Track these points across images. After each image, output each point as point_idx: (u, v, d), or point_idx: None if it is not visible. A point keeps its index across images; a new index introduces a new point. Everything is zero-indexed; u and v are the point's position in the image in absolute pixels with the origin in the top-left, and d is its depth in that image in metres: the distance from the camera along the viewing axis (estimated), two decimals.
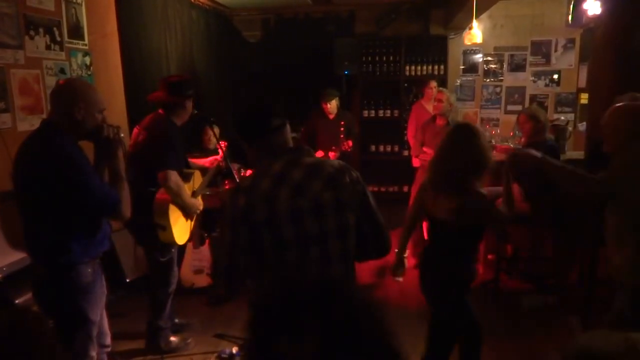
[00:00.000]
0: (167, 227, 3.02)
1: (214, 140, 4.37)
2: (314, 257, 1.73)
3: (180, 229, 3.15)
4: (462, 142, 2.34)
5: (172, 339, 3.34)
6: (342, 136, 4.79)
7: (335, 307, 0.81)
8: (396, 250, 2.63)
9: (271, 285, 1.56)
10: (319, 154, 4.95)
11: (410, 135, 5.11)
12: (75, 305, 2.14)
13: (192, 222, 3.33)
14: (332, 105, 5.04)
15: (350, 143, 4.85)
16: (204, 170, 3.53)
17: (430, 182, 2.47)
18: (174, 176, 2.95)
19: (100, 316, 2.30)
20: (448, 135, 2.45)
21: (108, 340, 2.45)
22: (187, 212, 3.19)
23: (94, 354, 2.24)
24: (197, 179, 3.38)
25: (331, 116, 5.07)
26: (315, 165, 1.79)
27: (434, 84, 5.36)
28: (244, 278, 1.85)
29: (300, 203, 1.71)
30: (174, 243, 3.12)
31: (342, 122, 4.88)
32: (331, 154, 4.77)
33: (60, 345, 1.98)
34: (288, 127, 1.86)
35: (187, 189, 3.15)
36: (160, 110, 3.11)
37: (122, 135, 2.20)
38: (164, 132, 3.01)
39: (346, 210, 1.76)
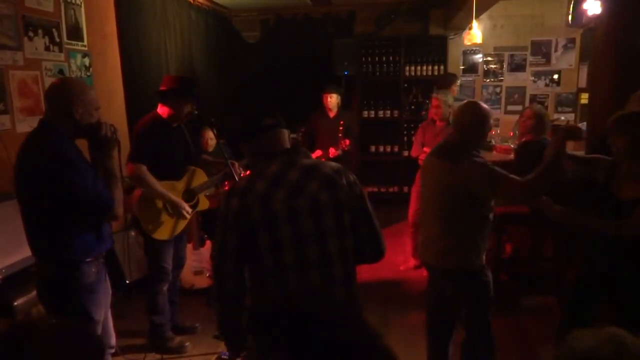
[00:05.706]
0: (140, 219, 3.07)
1: (213, 140, 4.36)
2: (312, 256, 1.72)
3: (160, 225, 3.15)
4: None
5: (170, 338, 3.32)
6: (340, 135, 4.80)
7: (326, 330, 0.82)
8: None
9: (270, 295, 1.53)
10: (318, 153, 4.94)
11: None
12: (78, 305, 2.15)
13: (184, 222, 3.27)
14: (333, 100, 5.03)
15: (348, 142, 4.85)
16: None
17: None
18: (138, 170, 2.98)
19: (105, 317, 2.31)
20: None
21: (113, 341, 2.45)
22: (170, 209, 3.17)
23: None
24: (198, 178, 3.37)
25: (331, 114, 5.07)
26: (312, 167, 1.79)
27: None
28: (235, 292, 1.78)
29: (297, 203, 1.72)
30: (148, 236, 3.14)
31: (342, 122, 4.89)
32: (331, 150, 4.78)
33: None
34: (285, 130, 1.87)
35: (171, 186, 3.17)
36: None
37: (119, 132, 2.21)
38: (140, 126, 3.11)
39: (343, 210, 1.76)
